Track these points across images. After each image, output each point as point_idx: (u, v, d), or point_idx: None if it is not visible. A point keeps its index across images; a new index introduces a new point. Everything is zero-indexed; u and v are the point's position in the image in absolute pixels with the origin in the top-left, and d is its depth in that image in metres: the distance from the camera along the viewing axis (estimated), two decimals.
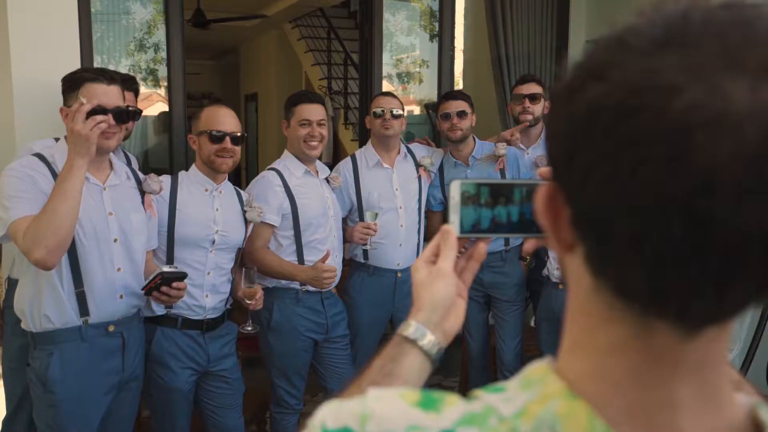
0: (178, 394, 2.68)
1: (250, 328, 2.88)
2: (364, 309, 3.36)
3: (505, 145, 3.50)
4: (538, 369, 0.56)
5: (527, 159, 3.63)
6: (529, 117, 3.61)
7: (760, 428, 0.53)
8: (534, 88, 3.63)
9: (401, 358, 0.87)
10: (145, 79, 4.74)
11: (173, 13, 4.28)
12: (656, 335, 0.50)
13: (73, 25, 3.20)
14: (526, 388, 0.54)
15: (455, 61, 9.02)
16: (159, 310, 2.63)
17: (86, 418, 2.32)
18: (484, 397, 0.55)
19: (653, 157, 0.45)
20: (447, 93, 3.69)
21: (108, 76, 2.30)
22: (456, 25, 8.70)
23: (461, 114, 3.43)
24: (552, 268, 3.27)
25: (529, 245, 3.56)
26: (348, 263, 3.44)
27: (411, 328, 0.89)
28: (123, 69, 4.60)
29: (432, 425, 0.54)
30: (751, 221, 0.44)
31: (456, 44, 8.81)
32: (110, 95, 2.27)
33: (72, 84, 2.28)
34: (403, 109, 3.40)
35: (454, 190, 0.90)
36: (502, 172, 3.47)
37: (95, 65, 4.07)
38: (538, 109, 3.63)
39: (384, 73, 10.41)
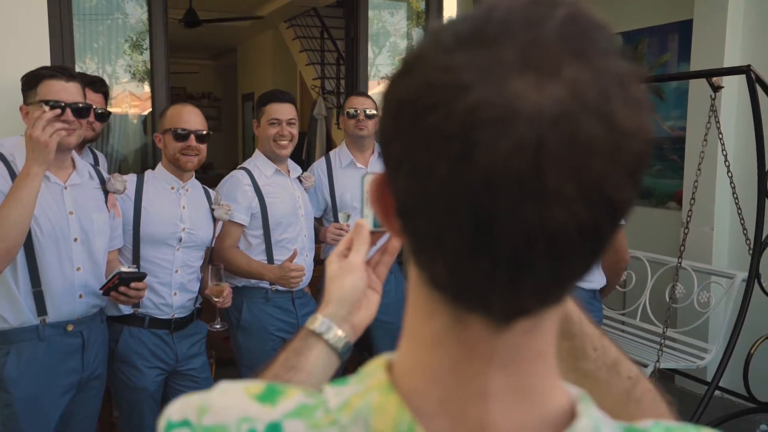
0: (145, 393, 2.67)
1: (218, 326, 2.87)
2: None
3: None
4: (374, 362, 0.57)
5: None
6: None
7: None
8: None
9: (306, 352, 0.88)
10: (142, 80, 4.74)
11: (156, 12, 4.28)
12: (469, 328, 0.50)
13: (43, 25, 3.20)
14: (358, 382, 0.55)
15: None
16: (126, 309, 2.62)
17: (43, 417, 2.31)
18: (325, 390, 0.56)
19: (444, 154, 0.45)
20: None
21: (67, 73, 2.30)
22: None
23: None
24: None
25: None
26: (322, 263, 3.43)
27: (317, 321, 0.91)
28: (120, 69, 4.62)
29: (262, 417, 0.55)
30: (532, 218, 0.44)
31: None
32: (69, 91, 2.26)
33: (31, 81, 2.28)
34: (377, 109, 3.38)
35: (367, 184, 0.89)
36: None
37: (80, 66, 4.09)
38: None
39: (382, 74, 10.42)
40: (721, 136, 3.46)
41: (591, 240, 0.46)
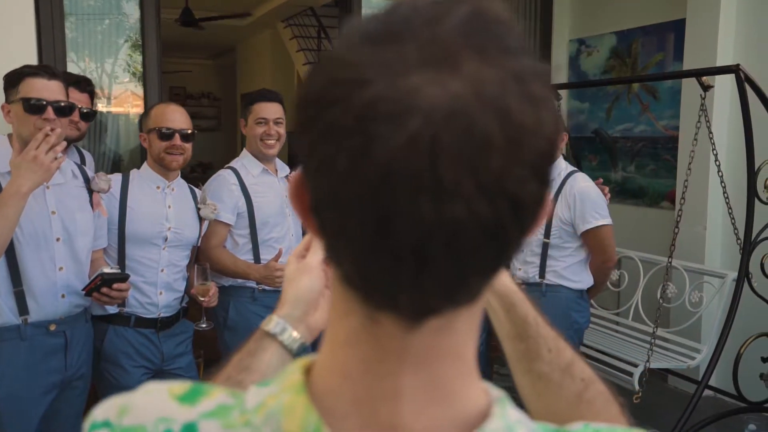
0: None
1: (204, 325, 2.87)
2: None
3: None
4: (296, 362, 0.56)
5: None
6: None
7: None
8: None
9: (260, 353, 0.88)
10: (137, 79, 4.74)
11: (149, 10, 4.28)
12: (382, 327, 0.49)
13: (29, 23, 3.20)
14: (277, 382, 0.54)
15: None
16: (111, 308, 2.62)
17: (25, 417, 2.31)
18: (249, 390, 0.55)
19: (344, 150, 0.45)
20: None
21: (49, 72, 2.30)
22: None
23: None
24: (514, 269, 3.25)
25: None
26: None
27: (272, 322, 0.90)
28: (112, 67, 4.62)
29: (179, 417, 0.55)
30: (430, 215, 0.43)
31: None
32: (51, 90, 2.26)
33: (12, 80, 2.28)
34: None
35: None
36: None
37: (79, 66, 4.10)
38: None
39: None
40: (711, 135, 3.45)
41: (495, 238, 0.45)
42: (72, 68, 3.95)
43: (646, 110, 4.91)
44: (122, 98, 4.82)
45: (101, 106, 4.58)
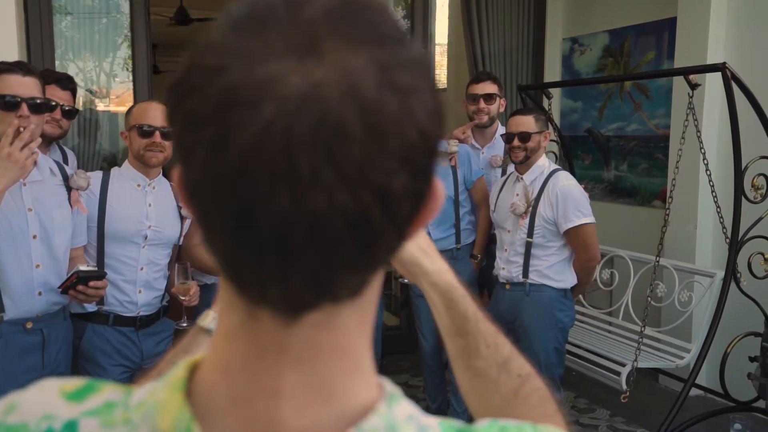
0: None
1: (185, 324, 2.86)
2: None
3: (457, 142, 3.48)
4: (189, 358, 0.55)
5: (483, 158, 3.60)
6: (484, 118, 3.57)
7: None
8: (489, 88, 3.58)
9: (194, 349, 0.87)
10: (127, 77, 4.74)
11: (137, 8, 4.28)
12: (260, 322, 0.48)
13: (10, 21, 3.19)
14: (164, 378, 0.53)
15: (440, 56, 8.98)
16: (90, 306, 2.61)
17: None
18: (143, 386, 0.54)
19: (203, 139, 0.44)
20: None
21: (24, 68, 2.30)
22: (440, 21, 8.66)
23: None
24: (498, 268, 3.24)
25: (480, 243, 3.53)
26: None
27: (208, 318, 0.90)
28: (117, 66, 4.63)
29: (62, 415, 0.54)
30: (289, 206, 0.42)
31: (440, 40, 8.77)
32: (26, 86, 2.26)
33: None
34: None
35: None
36: (454, 169, 3.44)
37: (76, 64, 4.10)
38: (494, 108, 3.59)
39: None
40: (699, 134, 3.44)
41: (361, 230, 0.44)
42: (70, 67, 3.96)
43: (639, 109, 4.89)
44: (117, 97, 4.82)
45: (102, 106, 4.59)
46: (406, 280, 3.51)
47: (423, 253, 0.83)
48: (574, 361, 3.67)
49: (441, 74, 8.81)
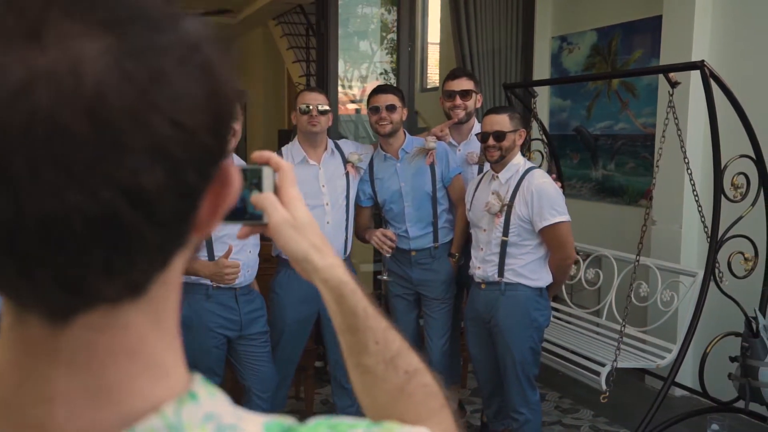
0: None
1: None
2: (290, 306, 3.34)
3: (435, 139, 3.46)
4: None
5: (459, 155, 3.58)
6: (461, 113, 3.54)
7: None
8: (465, 84, 3.55)
9: None
10: None
11: None
12: (29, 326, 0.46)
13: None
14: None
15: (434, 54, 8.94)
16: None
17: None
18: None
19: None
20: (376, 87, 3.64)
21: None
22: (432, 20, 8.64)
23: (390, 108, 3.38)
24: (473, 267, 3.22)
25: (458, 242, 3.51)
26: (275, 260, 3.41)
27: None
28: None
29: None
30: (8, 208, 0.40)
31: (432, 39, 8.74)
32: None
33: None
34: (329, 105, 3.37)
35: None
36: (432, 166, 3.42)
37: None
38: (471, 104, 3.56)
39: (380, 70, 10.37)
40: (679, 132, 3.41)
41: (111, 230, 0.42)
42: None
43: (626, 108, 4.87)
44: None
45: None
46: (385, 276, 3.50)
47: (314, 249, 0.81)
48: (558, 362, 3.65)
49: (433, 75, 8.79)
